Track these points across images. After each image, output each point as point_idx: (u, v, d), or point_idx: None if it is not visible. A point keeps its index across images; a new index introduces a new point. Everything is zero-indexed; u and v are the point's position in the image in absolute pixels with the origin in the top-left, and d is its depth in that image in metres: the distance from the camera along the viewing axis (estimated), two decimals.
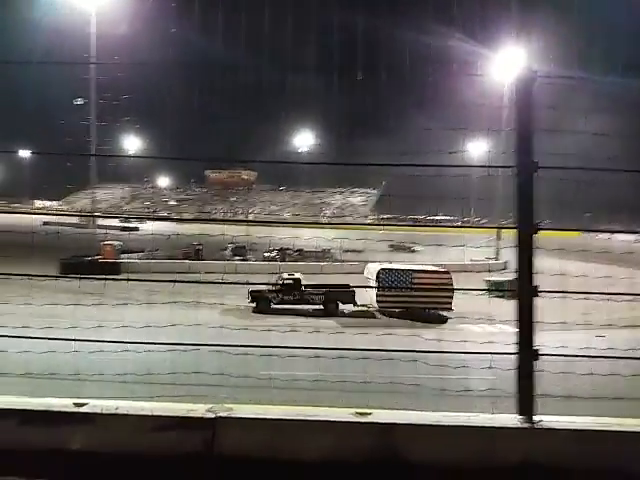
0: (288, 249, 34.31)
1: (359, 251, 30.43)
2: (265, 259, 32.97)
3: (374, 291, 20.97)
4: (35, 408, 3.38)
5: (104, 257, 29.86)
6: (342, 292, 20.78)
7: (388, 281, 21.69)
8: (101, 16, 34.64)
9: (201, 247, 32.24)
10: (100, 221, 39.18)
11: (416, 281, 21.46)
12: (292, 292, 20.33)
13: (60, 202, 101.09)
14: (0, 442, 3.19)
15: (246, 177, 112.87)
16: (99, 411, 3.37)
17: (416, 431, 3.26)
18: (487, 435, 3.22)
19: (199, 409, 3.38)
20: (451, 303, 20.41)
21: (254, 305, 20.04)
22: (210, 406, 3.41)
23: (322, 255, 33.85)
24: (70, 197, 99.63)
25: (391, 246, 36.42)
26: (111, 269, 25.83)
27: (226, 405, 3.44)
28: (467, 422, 3.29)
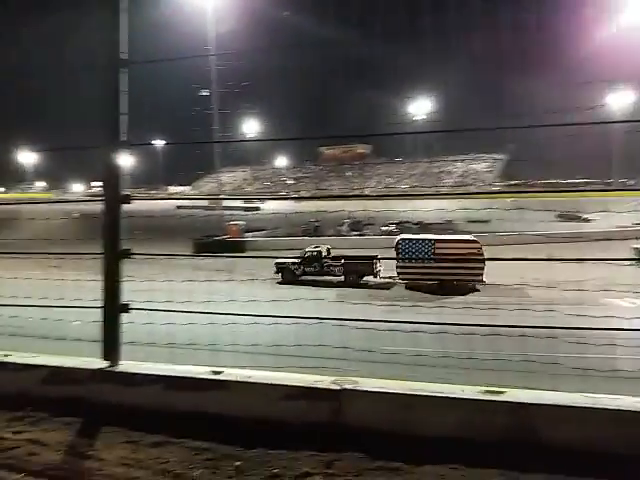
0: (407, 222, 33.76)
1: (485, 221, 28.84)
2: (383, 233, 32.84)
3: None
4: (178, 374, 3.71)
5: (230, 236, 31.85)
6: (360, 264, 20.06)
7: (408, 251, 19.97)
8: (217, 7, 36.32)
9: (319, 223, 33.05)
10: (225, 202, 41.80)
11: (439, 251, 19.48)
12: (313, 264, 20.68)
13: (190, 187, 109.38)
14: (147, 404, 3.57)
15: (361, 151, 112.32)
16: (233, 379, 3.62)
17: (551, 411, 3.07)
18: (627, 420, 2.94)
19: (325, 381, 3.49)
20: (482, 274, 18.03)
21: (280, 276, 20.34)
22: (335, 378, 3.50)
23: (444, 227, 32.72)
24: (199, 182, 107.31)
25: (560, 216, 33.87)
26: (237, 247, 27.56)
27: (351, 378, 3.50)
28: (608, 405, 3.02)
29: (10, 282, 4.60)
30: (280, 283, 19.36)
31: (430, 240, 20.39)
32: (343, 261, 20.25)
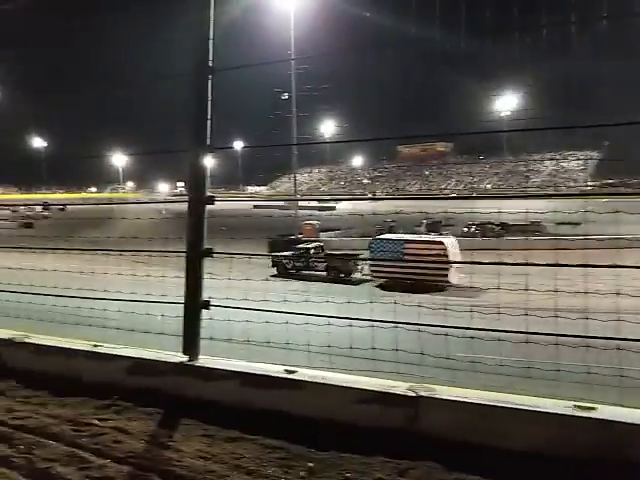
0: (490, 223, 32.51)
1: (576, 224, 27.00)
2: (463, 235, 31.76)
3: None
4: (253, 372, 3.78)
5: (305, 235, 32.26)
6: (341, 260, 21.92)
7: (380, 251, 21.00)
8: (298, 11, 36.91)
9: (394, 224, 32.62)
10: (301, 202, 42.41)
11: (407, 251, 20.21)
12: (301, 259, 22.46)
13: (267, 187, 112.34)
14: (223, 399, 3.66)
15: (441, 149, 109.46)
16: (307, 379, 3.63)
17: None
18: None
19: (400, 386, 3.41)
20: (447, 276, 18.49)
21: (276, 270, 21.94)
22: (411, 384, 3.41)
23: (530, 229, 31.10)
24: (275, 182, 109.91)
25: None
26: None
27: (427, 385, 3.39)
28: None
29: (101, 277, 4.90)
30: (274, 276, 20.61)
31: (399, 241, 21.47)
32: (324, 258, 22.46)
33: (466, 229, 32.75)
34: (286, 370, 3.76)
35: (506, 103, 77.24)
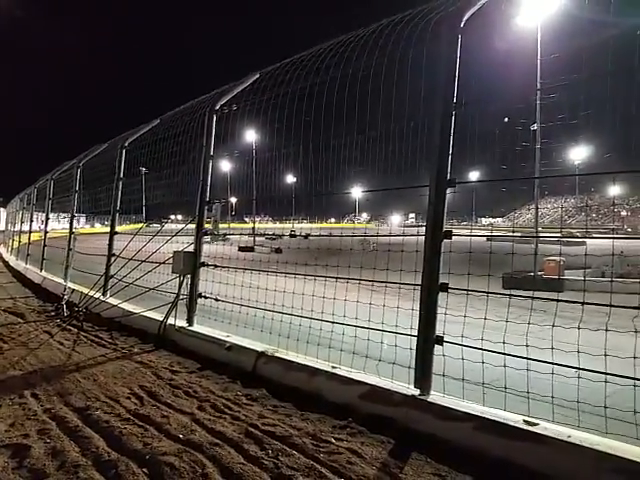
0: None
1: None
2: None
3: None
4: (489, 417, 3.55)
5: (546, 273, 29.48)
6: None
7: None
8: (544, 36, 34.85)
9: None
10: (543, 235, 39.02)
11: None
12: None
13: (503, 218, 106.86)
14: (456, 441, 3.51)
15: None
16: (551, 435, 3.26)
17: None
18: None
19: None
20: None
21: None
22: None
23: None
24: (513, 213, 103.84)
25: None
26: (553, 286, 25.23)
27: None
28: None
29: (340, 302, 5.27)
30: None
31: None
32: None
33: None
34: (525, 421, 3.45)
35: None
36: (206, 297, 6.76)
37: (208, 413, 4.26)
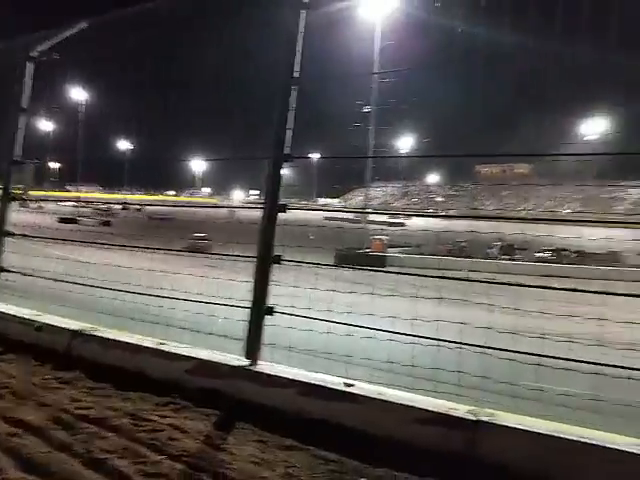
0: (565, 250, 30.92)
1: None
2: (537, 260, 30.38)
3: None
4: (311, 381, 3.72)
5: (373, 250, 31.99)
6: None
7: None
8: (385, 23, 36.66)
9: (466, 244, 31.66)
10: (371, 216, 42.29)
11: None
12: None
13: (339, 199, 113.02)
14: (280, 406, 3.62)
15: (521, 171, 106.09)
16: (365, 393, 3.53)
17: None
18: None
19: (460, 409, 3.26)
20: None
21: None
22: (471, 408, 3.26)
23: (607, 258, 29.33)
24: (348, 195, 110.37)
25: None
26: (378, 261, 27.53)
27: (488, 410, 3.23)
28: None
29: (172, 277, 5.06)
30: None
31: None
32: None
33: (539, 254, 31.16)
34: (345, 383, 3.67)
35: (594, 126, 72.15)
36: (10, 271, 5.93)
37: (7, 401, 3.78)
